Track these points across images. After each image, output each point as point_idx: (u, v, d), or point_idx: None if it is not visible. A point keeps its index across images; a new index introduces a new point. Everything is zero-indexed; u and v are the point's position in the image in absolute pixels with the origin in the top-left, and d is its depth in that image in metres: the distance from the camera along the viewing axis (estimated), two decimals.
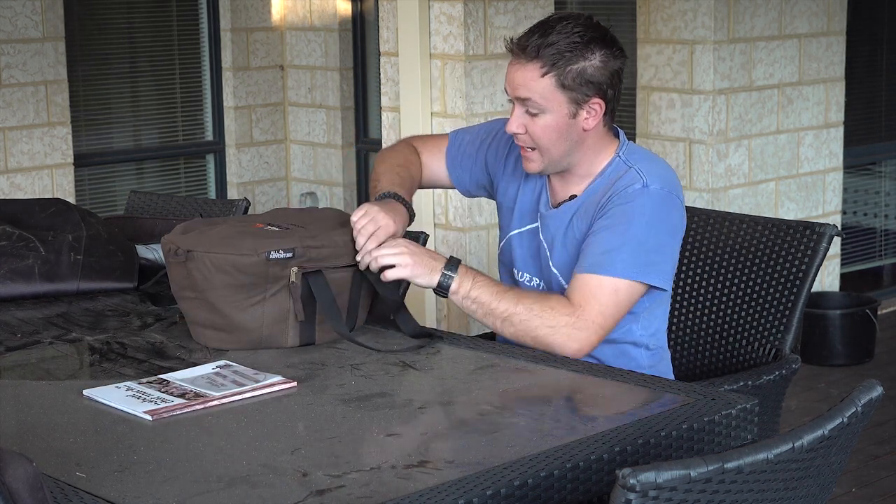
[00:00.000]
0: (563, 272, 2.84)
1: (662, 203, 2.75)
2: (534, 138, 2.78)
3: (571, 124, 2.77)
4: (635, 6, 5.97)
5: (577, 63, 2.73)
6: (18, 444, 2.18)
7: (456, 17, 5.40)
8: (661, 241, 2.74)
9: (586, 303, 2.68)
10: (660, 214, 2.74)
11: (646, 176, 2.76)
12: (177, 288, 2.77)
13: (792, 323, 3.05)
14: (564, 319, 2.66)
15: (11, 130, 6.22)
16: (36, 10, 6.21)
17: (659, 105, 5.88)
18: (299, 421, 2.31)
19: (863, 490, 4.50)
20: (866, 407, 1.92)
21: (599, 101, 2.77)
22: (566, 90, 2.73)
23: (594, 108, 2.77)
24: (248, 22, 7.16)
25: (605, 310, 2.68)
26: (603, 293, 2.68)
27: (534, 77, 2.73)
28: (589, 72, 2.73)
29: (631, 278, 2.70)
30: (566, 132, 2.77)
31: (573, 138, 2.78)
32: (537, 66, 2.73)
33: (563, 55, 2.72)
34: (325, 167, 7.29)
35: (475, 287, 2.71)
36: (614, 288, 2.69)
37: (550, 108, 2.75)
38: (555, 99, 2.74)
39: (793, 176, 6.16)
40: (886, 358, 5.98)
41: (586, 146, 2.81)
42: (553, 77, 2.73)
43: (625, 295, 2.70)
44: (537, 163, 2.82)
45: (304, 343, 2.72)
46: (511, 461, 2.07)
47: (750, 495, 1.78)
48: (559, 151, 2.79)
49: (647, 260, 2.71)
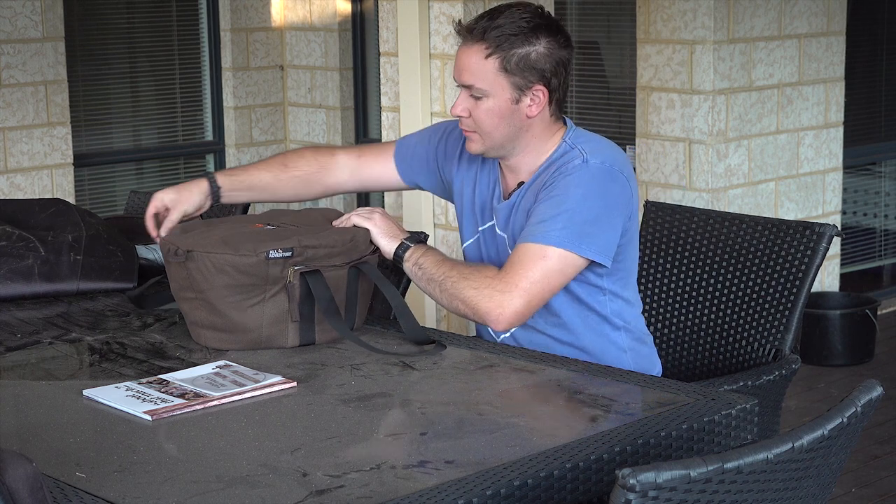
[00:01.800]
0: None
1: (602, 177, 2.75)
2: (476, 122, 2.81)
3: (514, 110, 2.79)
4: (635, 6, 5.97)
5: (522, 47, 2.75)
6: (18, 444, 2.18)
7: (456, 17, 5.40)
8: (597, 214, 2.73)
9: (513, 269, 2.70)
10: (597, 188, 2.74)
11: (587, 153, 2.78)
12: (177, 288, 2.77)
13: (792, 323, 3.05)
14: (488, 282, 2.69)
15: (11, 130, 6.22)
16: (36, 10, 6.21)
17: (659, 105, 5.88)
18: (299, 421, 2.31)
19: (863, 490, 4.50)
20: (866, 407, 1.92)
21: (542, 88, 2.78)
22: (509, 74, 2.76)
23: (537, 94, 2.78)
24: (248, 22, 7.16)
25: (530, 274, 2.69)
26: (529, 258, 2.70)
27: (478, 59, 2.76)
28: (533, 57, 2.75)
29: (562, 247, 2.70)
30: (508, 117, 2.79)
31: (515, 124, 2.80)
32: (482, 47, 2.76)
33: (507, 38, 2.74)
34: None
35: (424, 256, 2.77)
36: (542, 254, 2.69)
37: (493, 93, 2.77)
38: (497, 83, 2.77)
39: (793, 176, 6.16)
40: (886, 358, 5.98)
41: (531, 134, 2.83)
42: (496, 59, 2.75)
43: (555, 263, 2.70)
44: (478, 144, 2.85)
45: (304, 343, 2.72)
46: (511, 461, 2.07)
47: (750, 495, 1.78)
48: (500, 135, 2.82)
49: (581, 231, 2.71)
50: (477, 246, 2.97)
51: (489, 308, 2.67)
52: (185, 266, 2.71)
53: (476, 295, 2.69)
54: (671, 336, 3.23)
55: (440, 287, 2.73)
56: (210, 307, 2.70)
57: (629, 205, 2.79)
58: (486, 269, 2.74)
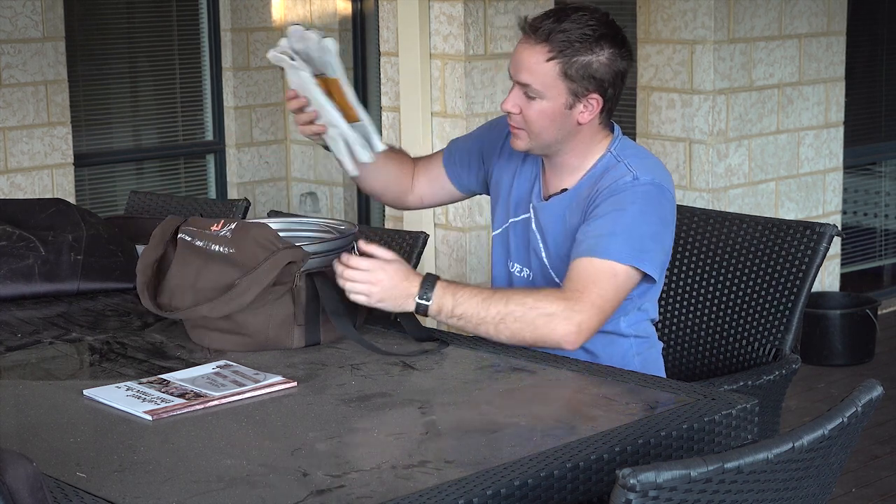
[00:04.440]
0: (555, 266, 2.84)
1: (654, 194, 2.75)
2: (526, 120, 2.78)
3: (566, 115, 2.77)
4: (635, 6, 5.97)
5: (585, 55, 2.72)
6: (18, 444, 2.18)
7: (456, 17, 5.40)
8: (653, 231, 2.73)
9: (584, 287, 2.65)
10: (651, 204, 2.74)
11: (635, 169, 2.76)
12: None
13: (792, 323, 3.05)
14: (562, 304, 2.62)
15: (11, 130, 6.22)
16: (36, 10, 6.21)
17: (659, 105, 5.88)
18: (299, 421, 2.31)
19: (863, 490, 4.50)
20: (866, 407, 1.92)
21: (598, 97, 2.77)
22: (567, 80, 2.73)
23: (591, 103, 2.77)
24: (248, 22, 7.16)
25: (604, 293, 2.66)
26: (601, 276, 2.66)
27: (539, 60, 2.73)
28: (594, 66, 2.73)
29: (629, 263, 2.69)
30: (559, 121, 2.77)
31: (565, 128, 2.78)
32: (545, 49, 2.73)
33: (572, 44, 2.72)
34: (325, 167, 7.29)
35: (458, 304, 2.64)
36: (612, 271, 2.67)
37: (548, 95, 2.75)
38: (554, 87, 2.74)
39: (793, 176, 6.16)
40: (886, 358, 5.98)
41: (578, 139, 2.81)
42: (558, 64, 2.72)
43: (623, 279, 2.69)
44: (524, 141, 2.82)
45: (310, 344, 2.72)
46: (511, 461, 2.07)
47: (750, 495, 1.78)
48: (548, 137, 2.79)
49: (641, 246, 2.70)
50: (505, 236, 2.95)
51: (567, 331, 2.62)
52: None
53: (550, 321, 2.62)
54: (671, 336, 3.23)
55: (499, 325, 2.63)
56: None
57: (675, 223, 2.81)
58: (543, 291, 2.67)
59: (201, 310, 2.67)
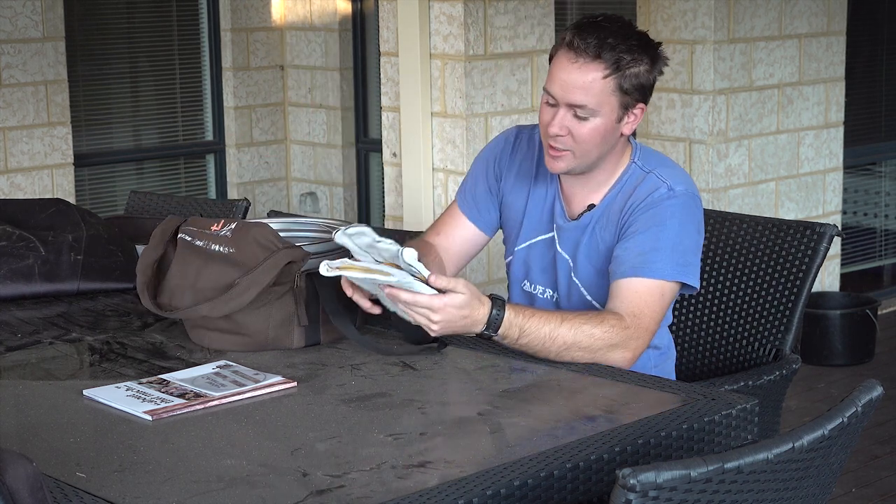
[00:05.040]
0: (587, 283, 2.82)
1: (691, 204, 2.74)
2: (577, 141, 2.72)
3: (615, 129, 2.73)
4: (635, 6, 5.97)
5: (635, 67, 2.68)
6: (18, 444, 2.18)
7: (456, 17, 5.40)
8: (693, 242, 2.74)
9: (640, 311, 2.65)
10: (688, 216, 2.73)
11: (667, 179, 2.74)
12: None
13: (792, 323, 3.05)
14: (623, 334, 2.61)
15: (11, 130, 6.22)
16: (36, 10, 6.21)
17: (659, 105, 5.88)
18: (299, 421, 2.31)
19: (863, 490, 4.50)
20: (866, 407, 1.92)
21: (643, 106, 2.75)
22: (622, 94, 2.69)
23: (636, 113, 2.74)
24: (248, 22, 7.16)
25: (655, 315, 2.67)
26: (652, 298, 2.66)
27: (595, 78, 2.67)
28: (643, 76, 2.70)
29: (671, 279, 2.69)
30: (609, 136, 2.73)
31: (610, 142, 2.75)
32: (601, 66, 2.67)
33: (623, 58, 2.67)
34: (325, 167, 7.29)
35: (523, 335, 2.58)
36: (661, 291, 2.67)
37: (602, 112, 2.69)
38: (608, 103, 2.69)
39: (793, 176, 6.16)
40: (886, 358, 5.98)
41: (614, 152, 2.78)
42: (614, 79, 2.67)
43: (669, 297, 2.70)
44: (566, 162, 2.75)
45: (310, 344, 2.72)
46: (511, 461, 2.07)
47: (750, 495, 1.78)
48: (595, 154, 2.74)
49: (684, 260, 2.71)
50: (522, 258, 2.90)
51: (625, 357, 2.63)
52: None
53: (611, 351, 2.60)
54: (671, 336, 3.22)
55: (562, 353, 2.59)
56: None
57: (703, 228, 2.81)
58: (605, 321, 2.61)
59: (201, 309, 2.67)
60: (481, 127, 5.54)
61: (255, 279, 2.64)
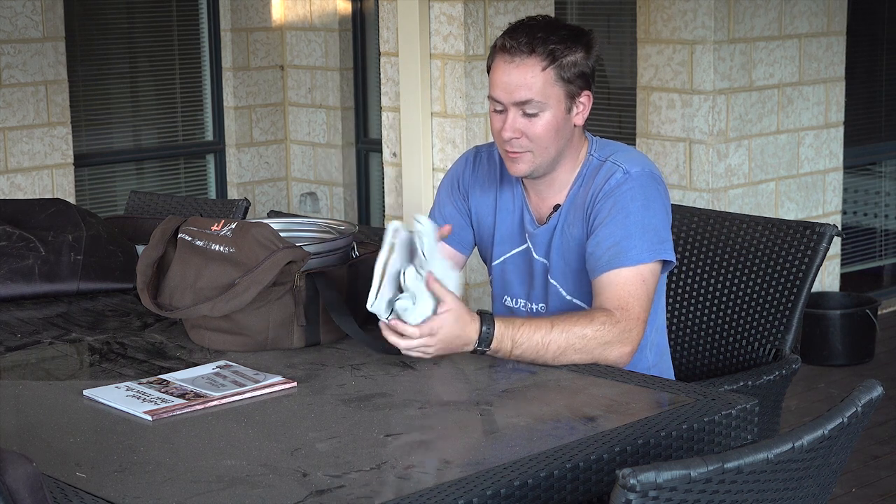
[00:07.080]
0: (562, 281, 2.82)
1: (648, 182, 2.74)
2: (532, 139, 2.75)
3: (567, 120, 2.76)
4: (635, 6, 5.97)
5: (571, 55, 2.73)
6: (18, 444, 2.18)
7: (456, 17, 5.40)
8: (660, 219, 2.74)
9: (626, 303, 2.66)
10: (650, 194, 2.74)
11: (623, 164, 2.76)
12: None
13: (792, 323, 3.05)
14: (615, 329, 2.62)
15: (11, 130, 6.22)
16: (36, 10, 6.22)
17: (659, 105, 5.88)
18: (299, 421, 2.31)
19: (863, 490, 4.50)
20: (866, 407, 1.92)
21: (588, 94, 2.77)
22: (565, 83, 2.73)
23: (583, 101, 2.77)
24: (248, 22, 7.17)
25: (642, 302, 2.67)
26: (635, 286, 2.67)
27: (535, 73, 2.71)
28: (580, 63, 2.74)
29: (648, 261, 2.69)
30: (562, 129, 2.76)
31: (566, 135, 2.77)
32: (536, 60, 2.71)
33: (556, 48, 2.71)
34: (325, 167, 7.29)
35: (516, 347, 2.59)
36: (642, 277, 2.68)
37: (550, 105, 2.73)
38: (554, 94, 2.73)
39: (793, 176, 6.16)
40: (886, 358, 5.98)
41: (571, 145, 2.80)
42: (553, 70, 2.72)
43: (651, 280, 2.70)
44: (527, 163, 2.77)
45: (310, 344, 2.72)
46: (511, 461, 2.07)
47: (750, 495, 1.78)
48: (555, 149, 2.77)
49: (657, 238, 2.71)
50: (504, 272, 2.91)
51: (622, 352, 2.63)
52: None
53: (607, 348, 2.62)
54: (671, 336, 3.22)
55: (557, 358, 2.60)
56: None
57: (670, 204, 2.82)
58: (594, 319, 2.62)
59: (201, 309, 2.67)
60: (481, 127, 5.54)
61: (255, 279, 2.64)
